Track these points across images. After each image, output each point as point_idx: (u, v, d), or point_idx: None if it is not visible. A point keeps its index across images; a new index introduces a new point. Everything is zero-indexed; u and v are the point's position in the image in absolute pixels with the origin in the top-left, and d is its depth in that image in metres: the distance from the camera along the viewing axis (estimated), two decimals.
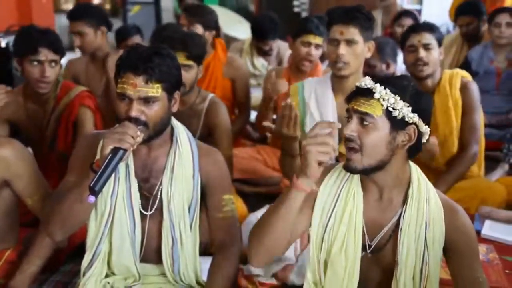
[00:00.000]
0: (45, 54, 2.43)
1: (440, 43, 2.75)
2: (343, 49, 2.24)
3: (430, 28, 2.76)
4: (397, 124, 1.47)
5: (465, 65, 3.95)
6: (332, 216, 1.57)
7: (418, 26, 2.85)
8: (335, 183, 1.60)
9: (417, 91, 1.51)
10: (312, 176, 1.44)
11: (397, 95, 1.46)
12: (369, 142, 1.46)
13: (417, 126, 1.49)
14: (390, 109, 1.45)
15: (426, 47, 2.70)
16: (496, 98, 3.85)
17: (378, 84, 1.47)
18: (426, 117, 1.51)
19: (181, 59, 2.42)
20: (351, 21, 2.23)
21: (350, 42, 2.24)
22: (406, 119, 1.47)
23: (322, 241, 1.58)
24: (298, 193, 1.47)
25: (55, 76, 2.50)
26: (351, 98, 1.52)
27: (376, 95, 1.45)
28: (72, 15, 3.18)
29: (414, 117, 1.47)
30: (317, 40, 3.13)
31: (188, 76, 2.47)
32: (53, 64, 2.47)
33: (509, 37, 3.91)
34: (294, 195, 1.47)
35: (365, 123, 1.46)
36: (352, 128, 1.47)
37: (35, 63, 2.44)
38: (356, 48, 2.25)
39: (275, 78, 2.67)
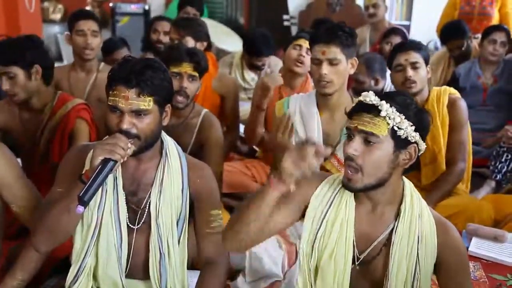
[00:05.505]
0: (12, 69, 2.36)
1: (427, 62, 2.73)
2: (325, 69, 2.25)
3: (417, 46, 2.74)
4: (401, 143, 1.46)
5: (453, 81, 3.98)
6: (323, 223, 1.57)
7: (404, 45, 2.81)
8: (328, 192, 1.59)
9: (419, 109, 1.50)
10: (288, 187, 1.43)
11: (402, 114, 1.44)
12: (371, 161, 1.45)
13: (417, 144, 1.49)
14: (395, 128, 1.44)
15: (414, 65, 2.68)
16: (483, 114, 3.88)
17: (384, 102, 1.44)
18: (425, 135, 1.51)
19: (189, 69, 2.46)
20: (332, 41, 2.24)
21: (332, 61, 2.25)
22: (409, 138, 1.46)
23: (313, 249, 1.58)
24: (273, 191, 1.46)
25: (21, 91, 2.42)
26: (353, 114, 1.49)
27: (383, 113, 1.43)
28: (82, 15, 3.18)
29: (416, 136, 1.47)
30: (308, 44, 3.13)
31: (192, 87, 2.50)
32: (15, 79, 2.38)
33: (501, 55, 3.97)
34: (270, 193, 1.46)
35: (370, 142, 1.45)
36: (356, 147, 1.46)
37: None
38: (338, 67, 2.27)
39: (269, 72, 2.68)
